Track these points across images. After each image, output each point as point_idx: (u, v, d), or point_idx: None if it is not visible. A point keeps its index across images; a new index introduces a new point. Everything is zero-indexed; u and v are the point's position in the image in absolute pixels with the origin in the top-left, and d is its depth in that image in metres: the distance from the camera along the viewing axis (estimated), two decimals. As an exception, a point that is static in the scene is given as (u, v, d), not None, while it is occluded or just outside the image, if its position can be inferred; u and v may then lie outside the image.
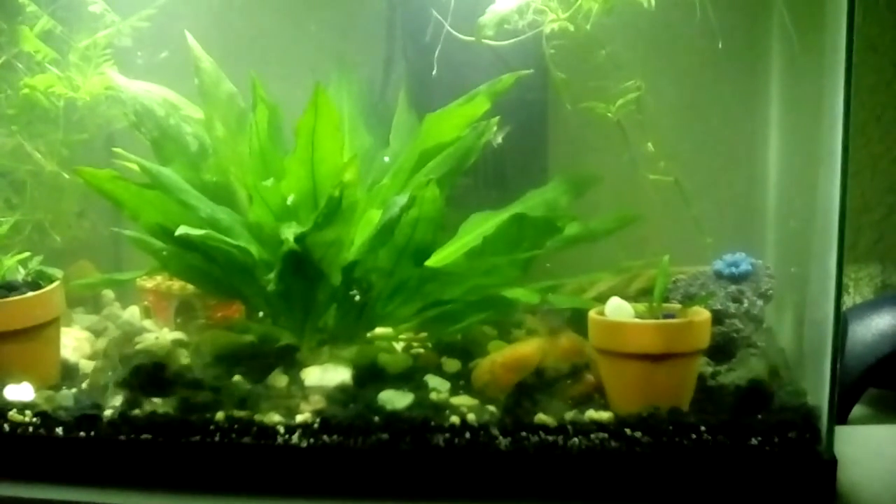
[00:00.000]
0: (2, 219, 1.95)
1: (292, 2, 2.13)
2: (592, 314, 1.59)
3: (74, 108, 1.96)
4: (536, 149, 2.03)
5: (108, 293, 2.16)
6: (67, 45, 1.96)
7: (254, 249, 1.69)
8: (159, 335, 1.99)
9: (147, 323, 2.10)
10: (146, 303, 2.13)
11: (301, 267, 1.66)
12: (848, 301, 2.10)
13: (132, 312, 2.14)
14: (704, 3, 1.60)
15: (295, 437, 1.58)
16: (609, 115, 1.78)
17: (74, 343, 1.96)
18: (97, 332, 2.05)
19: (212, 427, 1.60)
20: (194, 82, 1.84)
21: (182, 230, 1.59)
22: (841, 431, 1.62)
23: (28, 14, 1.92)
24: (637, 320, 1.58)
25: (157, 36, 1.99)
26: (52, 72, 1.92)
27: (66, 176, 1.98)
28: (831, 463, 1.47)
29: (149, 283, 2.10)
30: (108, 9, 1.94)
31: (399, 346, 1.86)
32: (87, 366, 1.91)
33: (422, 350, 1.85)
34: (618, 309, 1.59)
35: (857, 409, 1.80)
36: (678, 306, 1.63)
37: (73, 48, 1.95)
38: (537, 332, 1.80)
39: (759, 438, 1.50)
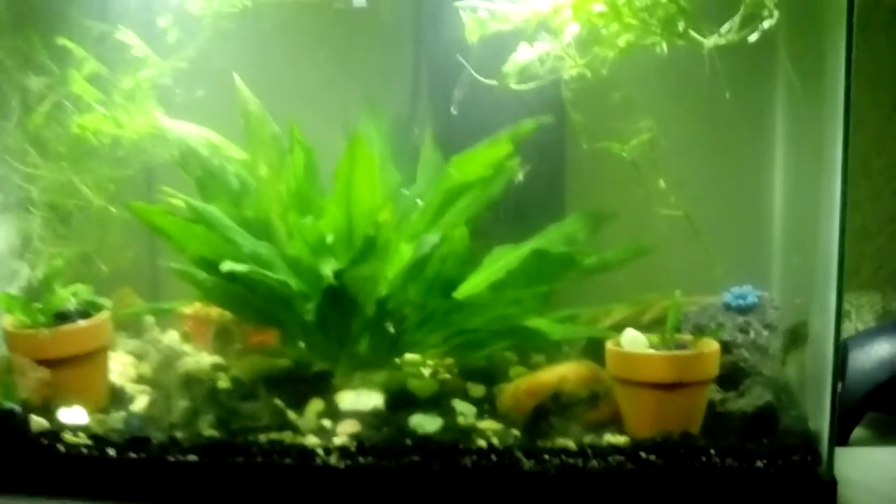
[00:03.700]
0: (54, 251, 2.04)
1: (325, 45, 2.19)
2: (610, 345, 1.68)
3: (119, 145, 2.03)
4: (555, 185, 2.10)
5: (149, 318, 2.22)
6: (112, 84, 2.01)
7: (292, 282, 1.79)
8: (199, 359, 2.07)
9: (186, 347, 2.16)
10: (185, 328, 2.20)
11: (338, 299, 1.76)
12: (850, 327, 2.16)
13: (172, 337, 2.21)
14: (712, 52, 1.66)
15: (333, 459, 1.65)
16: (623, 154, 1.83)
17: (120, 367, 2.03)
18: (140, 357, 2.12)
19: (254, 449, 1.68)
20: (234, 120, 1.91)
21: (228, 265, 1.69)
22: (842, 453, 1.68)
23: (76, 58, 1.99)
24: (651, 351, 1.66)
25: (194, 74, 2.04)
26: (99, 111, 1.98)
27: (113, 210, 2.06)
28: (831, 484, 1.55)
29: (188, 310, 2.16)
30: (151, 51, 2.01)
31: (427, 371, 1.94)
32: (132, 389, 1.98)
33: (448, 375, 1.93)
34: (633, 340, 1.67)
35: (858, 432, 1.86)
36: (690, 338, 1.70)
37: (118, 88, 2.01)
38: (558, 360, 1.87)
39: (765, 461, 1.58)
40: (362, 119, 2.03)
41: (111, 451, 1.73)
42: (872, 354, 1.88)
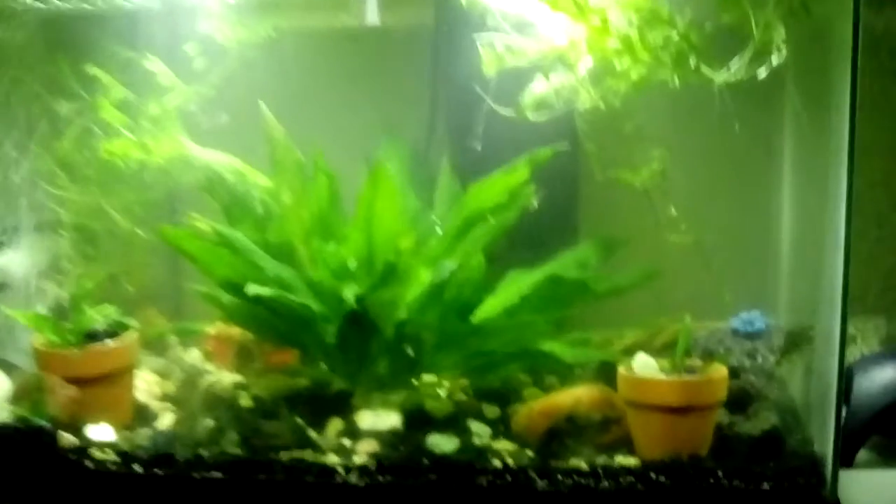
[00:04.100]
0: (82, 272, 2.11)
1: (345, 72, 2.27)
2: (622, 370, 1.72)
3: (145, 169, 2.08)
4: (568, 212, 2.15)
5: (172, 337, 2.28)
6: (139, 110, 2.08)
7: (314, 305, 1.84)
8: (220, 378, 2.11)
9: (208, 366, 2.21)
10: (207, 347, 2.25)
11: (358, 323, 1.81)
12: (856, 351, 2.18)
13: (194, 356, 2.27)
14: (722, 85, 1.71)
15: (353, 477, 1.69)
16: (635, 183, 1.90)
17: (145, 385, 2.08)
18: (164, 375, 2.17)
19: (277, 466, 1.72)
20: (254, 143, 1.97)
21: (253, 289, 1.74)
22: (846, 475, 1.69)
23: (104, 85, 2.05)
24: (662, 376, 1.70)
25: (217, 100, 2.10)
26: (126, 136, 2.04)
27: (140, 233, 2.13)
28: None
29: (210, 329, 2.22)
30: (177, 78, 2.07)
31: (443, 392, 1.98)
32: (157, 406, 2.02)
33: (464, 396, 1.97)
34: (644, 365, 1.72)
35: (862, 454, 1.88)
36: (699, 363, 1.74)
37: (145, 114, 2.07)
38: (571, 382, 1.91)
39: (771, 483, 1.61)
40: (382, 146, 2.09)
41: (137, 467, 1.76)
42: (877, 379, 1.91)
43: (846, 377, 1.88)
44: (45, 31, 2.22)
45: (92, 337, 1.95)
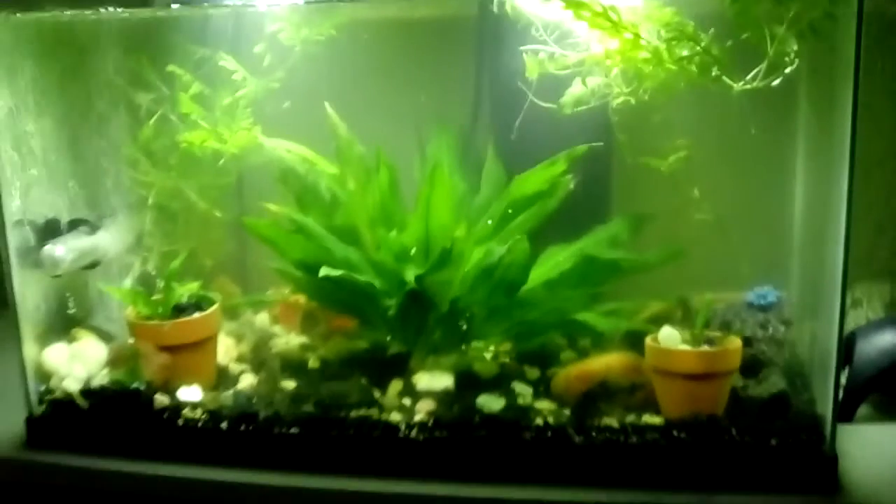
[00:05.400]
0: (166, 249, 2.29)
1: (398, 62, 2.40)
2: (649, 341, 1.84)
3: (219, 156, 2.24)
4: (602, 193, 2.30)
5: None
6: (212, 101, 2.23)
7: (377, 283, 2.01)
8: (288, 340, 2.31)
9: (276, 329, 2.39)
10: (274, 312, 2.43)
11: (418, 300, 1.98)
12: (861, 314, 2.28)
13: (262, 320, 2.45)
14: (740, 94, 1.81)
15: (413, 433, 1.83)
16: (662, 168, 2.04)
17: (224, 349, 2.21)
18: (238, 338, 2.33)
19: (347, 423, 1.86)
20: (312, 129, 2.13)
21: (324, 271, 1.91)
22: (846, 429, 1.86)
23: (182, 80, 2.21)
24: (684, 347, 1.81)
25: (281, 91, 2.25)
26: (203, 127, 2.19)
27: (217, 213, 2.32)
28: (833, 459, 1.70)
29: (277, 295, 2.41)
30: (247, 72, 2.22)
31: (488, 355, 2.13)
32: (235, 368, 2.19)
33: (507, 359, 2.11)
34: (669, 337, 1.83)
35: (863, 410, 1.99)
36: (718, 334, 1.85)
37: (218, 105, 2.22)
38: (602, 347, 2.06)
39: (777, 439, 1.73)
40: (434, 135, 2.23)
41: (223, 424, 1.91)
42: (877, 343, 2.02)
43: (850, 342, 2.04)
44: (125, 30, 2.35)
45: (180, 309, 2.10)
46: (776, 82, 1.76)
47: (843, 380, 1.91)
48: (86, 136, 2.37)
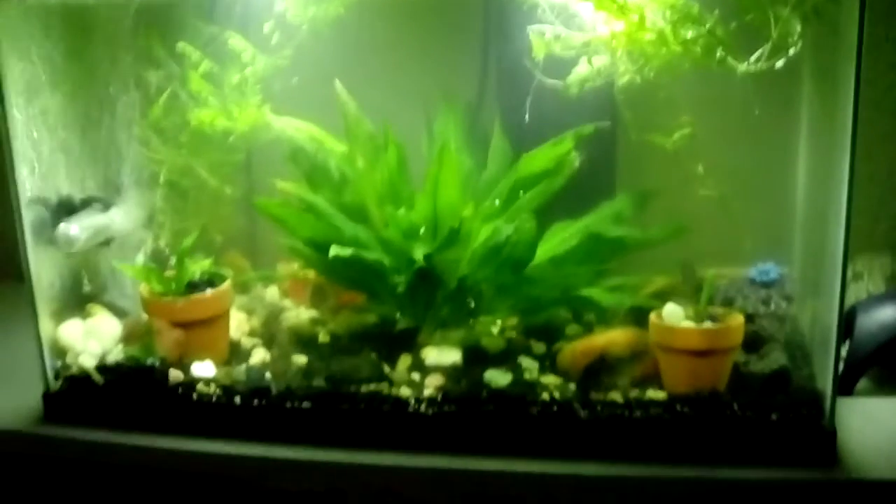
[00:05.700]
0: (179, 226, 2.32)
1: (405, 41, 2.42)
2: (653, 318, 1.85)
3: (228, 133, 2.23)
4: (607, 170, 2.31)
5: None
6: (221, 78, 2.22)
7: (386, 260, 2.04)
8: (298, 314, 2.33)
9: (286, 302, 2.42)
10: (284, 286, 2.47)
11: (426, 277, 2.00)
12: (862, 287, 2.31)
13: (272, 293, 2.49)
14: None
15: (422, 407, 1.85)
16: (666, 145, 2.03)
17: (236, 323, 2.20)
18: (249, 311, 2.35)
19: (358, 398, 1.88)
20: (317, 105, 2.14)
21: (335, 250, 1.94)
22: (846, 402, 1.88)
23: (191, 58, 2.20)
24: (687, 324, 1.83)
25: (288, 68, 2.22)
26: (213, 105, 2.19)
27: (227, 190, 2.34)
28: (832, 433, 1.73)
29: (287, 270, 2.45)
30: (256, 50, 2.20)
31: (495, 330, 2.16)
32: (247, 342, 2.20)
33: (514, 334, 2.14)
34: (672, 313, 1.84)
35: (862, 383, 2.03)
36: (720, 311, 1.87)
37: (227, 83, 2.22)
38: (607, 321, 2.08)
39: (778, 414, 1.74)
40: (440, 112, 2.25)
41: (237, 399, 1.93)
42: (877, 317, 2.06)
43: (850, 316, 2.07)
44: (137, 12, 2.32)
45: (193, 286, 2.11)
46: (780, 63, 1.79)
47: (843, 354, 1.96)
48: (97, 114, 2.39)
